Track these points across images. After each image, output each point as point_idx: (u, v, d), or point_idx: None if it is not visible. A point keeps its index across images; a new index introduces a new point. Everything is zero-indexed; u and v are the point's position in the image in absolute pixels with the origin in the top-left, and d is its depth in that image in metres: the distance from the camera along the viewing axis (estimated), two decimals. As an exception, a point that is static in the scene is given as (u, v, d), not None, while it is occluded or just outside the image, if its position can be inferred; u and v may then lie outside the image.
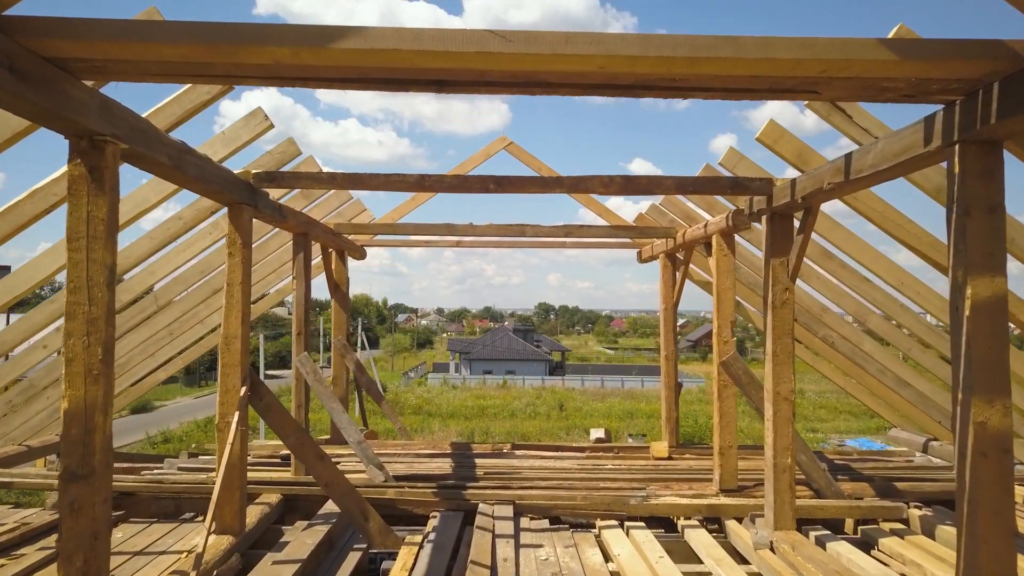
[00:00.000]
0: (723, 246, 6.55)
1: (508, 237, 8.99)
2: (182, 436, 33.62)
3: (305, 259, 6.80)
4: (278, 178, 5.15)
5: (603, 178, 5.15)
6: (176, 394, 50.31)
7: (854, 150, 4.03)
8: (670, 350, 8.55)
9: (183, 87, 4.13)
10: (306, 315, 6.83)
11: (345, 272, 8.59)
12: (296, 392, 6.82)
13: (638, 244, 9.58)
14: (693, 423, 26.42)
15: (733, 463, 6.49)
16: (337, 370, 8.51)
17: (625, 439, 33.51)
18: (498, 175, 5.18)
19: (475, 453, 7.96)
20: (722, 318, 6.56)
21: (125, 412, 42.14)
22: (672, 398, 8.48)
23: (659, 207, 8.38)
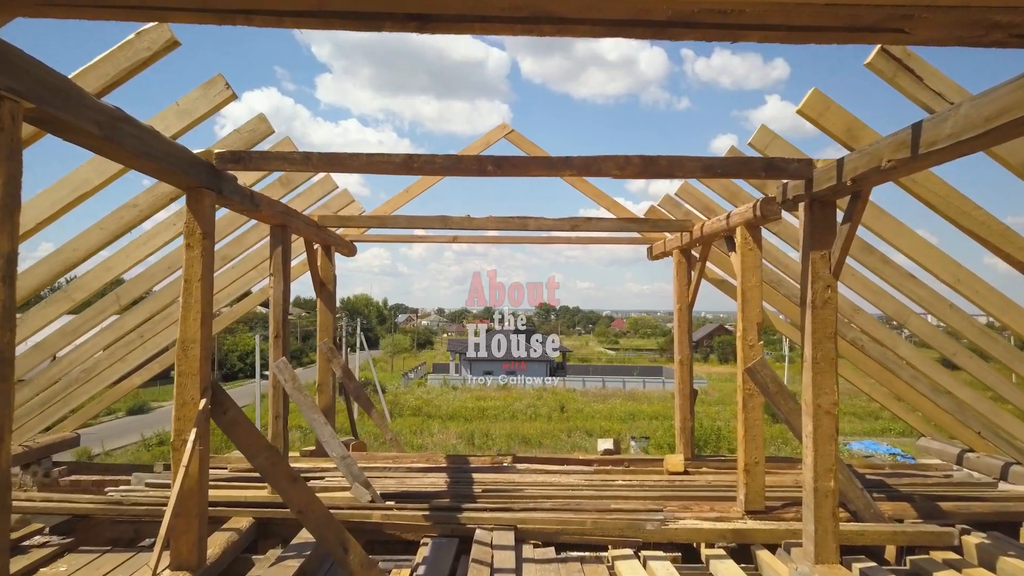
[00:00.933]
0: (748, 239, 5.87)
1: (509, 232, 8.32)
2: (177, 438, 33.01)
3: (284, 254, 6.13)
4: (245, 159, 4.47)
5: (618, 159, 4.48)
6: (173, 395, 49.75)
7: (924, 119, 3.35)
8: (684, 354, 7.87)
9: (115, 46, 3.45)
10: (285, 316, 6.15)
11: (332, 269, 7.91)
12: (274, 402, 6.14)
13: (648, 240, 8.90)
14: (698, 426, 25.73)
15: (760, 481, 5.81)
16: (323, 376, 7.83)
17: (628, 442, 32.88)
18: (497, 155, 4.51)
19: (473, 467, 7.28)
20: (747, 320, 5.88)
21: (122, 413, 41.65)
22: (687, 406, 7.80)
23: (673, 198, 7.70)
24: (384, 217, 7.08)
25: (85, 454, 29.91)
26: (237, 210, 5.19)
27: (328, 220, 7.02)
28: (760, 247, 5.89)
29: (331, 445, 6.02)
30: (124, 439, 32.75)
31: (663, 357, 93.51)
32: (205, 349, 4.38)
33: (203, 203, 4.37)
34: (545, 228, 7.16)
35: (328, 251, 7.90)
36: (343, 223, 7.12)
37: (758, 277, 5.87)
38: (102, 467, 8.72)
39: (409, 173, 4.49)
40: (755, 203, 5.51)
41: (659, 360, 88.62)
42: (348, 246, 8.50)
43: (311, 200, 7.01)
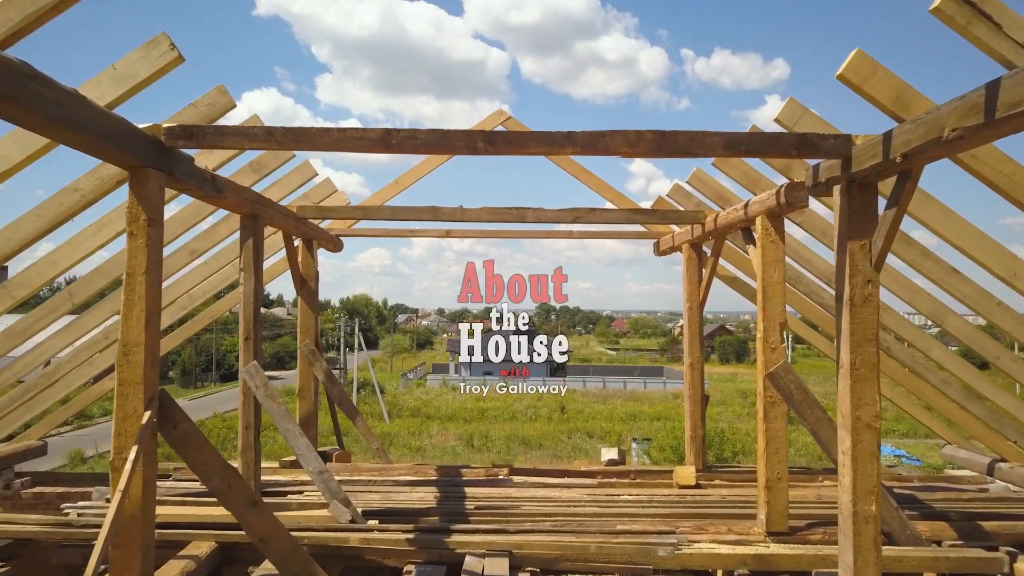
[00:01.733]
0: (770, 230, 5.28)
1: (505, 226, 7.74)
2: (173, 440, 32.47)
3: (255, 247, 5.53)
4: (198, 134, 3.87)
5: (628, 134, 3.88)
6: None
7: (1002, 76, 2.76)
8: (695, 357, 7.27)
9: None
10: (256, 315, 5.56)
11: (313, 265, 7.32)
12: (244, 411, 5.55)
13: (655, 234, 8.30)
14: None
15: (783, 499, 5.22)
16: (304, 380, 7.24)
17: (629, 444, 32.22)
18: (488, 130, 3.91)
19: (465, 480, 6.68)
20: (769, 320, 5.28)
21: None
22: (698, 413, 7.20)
23: (684, 187, 7.11)
24: (368, 208, 6.49)
25: (78, 456, 29.42)
26: (196, 195, 4.59)
27: (307, 211, 6.42)
28: (783, 239, 5.30)
29: (307, 458, 5.43)
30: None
31: (664, 357, 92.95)
32: (152, 353, 3.79)
33: (148, 185, 3.77)
34: (545, 220, 6.58)
35: (309, 245, 7.30)
36: (323, 214, 6.52)
37: (781, 272, 5.28)
38: (71, 477, 8.13)
39: (387, 151, 3.89)
40: (779, 189, 4.92)
41: (660, 360, 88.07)
42: (333, 241, 7.90)
43: (288, 188, 6.41)
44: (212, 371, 56.28)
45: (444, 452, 31.97)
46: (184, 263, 6.46)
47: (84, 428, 36.61)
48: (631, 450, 30.99)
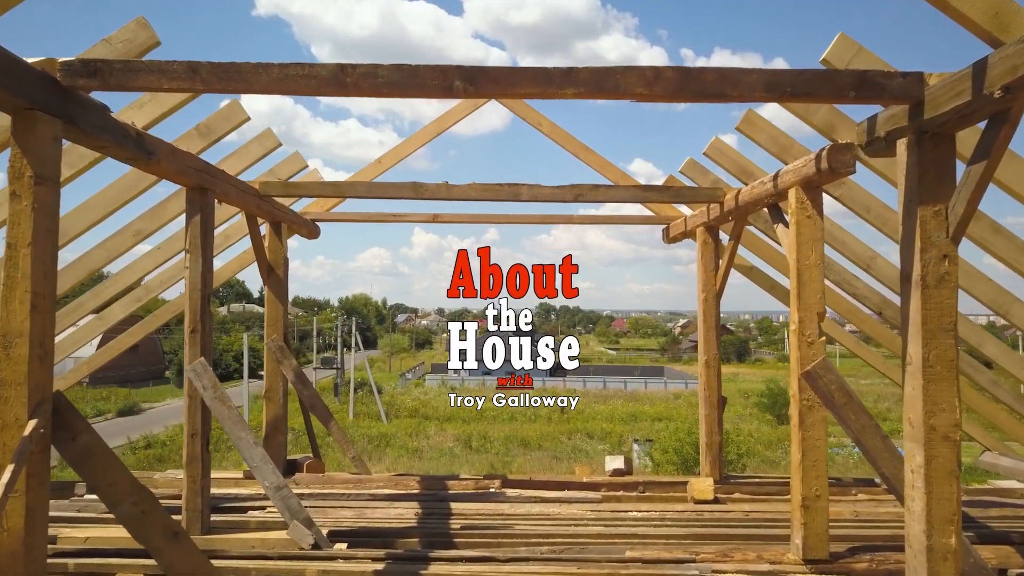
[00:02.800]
0: (806, 204, 4.47)
1: (499, 207, 6.95)
2: (165, 441, 31.63)
3: (203, 225, 4.73)
4: (103, 71, 3.08)
5: (644, 71, 3.08)
6: (166, 395, 48.48)
7: None
8: (711, 354, 6.46)
9: None
10: (204, 304, 4.76)
11: (282, 251, 6.51)
12: (189, 416, 4.75)
13: (664, 219, 7.50)
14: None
15: (823, 521, 4.41)
16: (271, 381, 6.43)
17: (630, 445, 31.40)
18: (468, 65, 3.11)
19: (452, 494, 5.87)
20: (805, 308, 4.48)
21: (111, 414, 40.33)
22: (714, 417, 6.39)
23: (698, 163, 6.30)
24: (339, 184, 5.68)
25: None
26: (116, 156, 3.79)
27: (271, 188, 5.62)
28: (821, 214, 4.49)
29: (263, 472, 4.63)
30: (111, 441, 31.33)
31: (664, 357, 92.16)
32: (40, 346, 2.99)
33: (35, 133, 2.97)
34: (542, 199, 5.77)
35: (278, 229, 6.49)
36: (289, 192, 5.71)
37: (819, 253, 4.47)
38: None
39: (341, 92, 3.09)
40: (820, 152, 4.11)
41: (660, 360, 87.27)
42: (307, 225, 7.10)
43: (247, 160, 5.61)
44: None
45: (442, 453, 31.20)
46: (128, 246, 5.67)
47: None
48: (632, 452, 30.20)
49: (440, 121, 7.53)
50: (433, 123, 7.53)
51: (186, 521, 4.63)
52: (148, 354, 55.44)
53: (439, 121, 7.54)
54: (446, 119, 7.51)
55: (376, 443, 32.78)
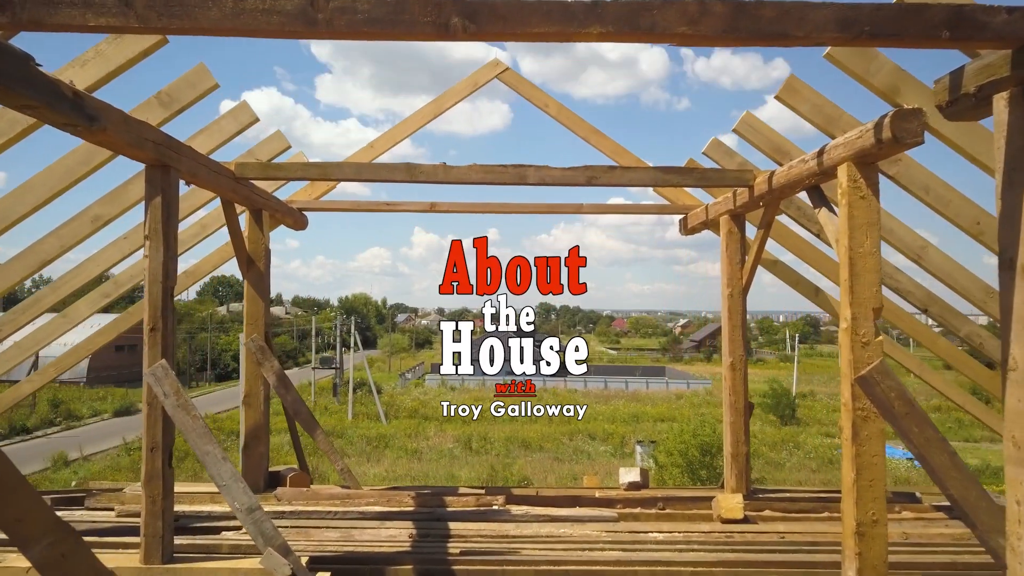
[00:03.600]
0: (860, 182, 3.86)
1: (501, 194, 6.31)
2: (161, 442, 31.03)
3: (165, 207, 4.11)
4: (13, 5, 2.48)
5: (688, 6, 2.47)
6: (164, 396, 47.96)
7: None
8: (737, 355, 5.84)
9: None
10: (166, 298, 4.14)
11: (263, 242, 5.89)
12: (148, 426, 4.14)
13: (681, 208, 6.90)
14: (710, 431, 23.72)
15: (881, 551, 3.80)
16: (251, 384, 5.81)
17: (633, 447, 30.79)
18: (469, 0, 2.49)
19: (450, 512, 5.26)
20: (859, 303, 3.86)
21: (108, 415, 39.71)
22: (740, 425, 5.78)
23: (723, 144, 5.70)
24: (325, 166, 5.06)
25: (61, 459, 28.00)
26: (44, 118, 3.16)
27: (248, 170, 5.00)
28: (877, 193, 3.88)
29: (232, 491, 4.01)
30: (106, 442, 30.81)
31: (665, 357, 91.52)
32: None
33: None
34: (551, 182, 5.15)
35: (258, 218, 5.87)
36: (268, 174, 5.09)
37: (875, 239, 3.86)
38: None
39: (312, 32, 2.48)
40: (882, 119, 3.50)
41: (662, 360, 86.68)
42: (292, 214, 6.48)
43: (221, 137, 4.98)
44: (207, 370, 55.08)
45: (441, 455, 30.62)
46: (87, 233, 5.05)
47: (72, 429, 35.30)
48: (635, 453, 29.58)
49: (437, 102, 6.94)
50: (430, 104, 6.93)
51: (144, 549, 4.02)
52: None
53: (436, 102, 6.94)
54: (443, 100, 6.91)
55: (375, 444, 32.22)
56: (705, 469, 22.17)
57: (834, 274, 6.12)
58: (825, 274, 6.18)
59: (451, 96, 6.91)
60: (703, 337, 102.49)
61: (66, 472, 25.88)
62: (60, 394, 40.38)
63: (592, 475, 8.96)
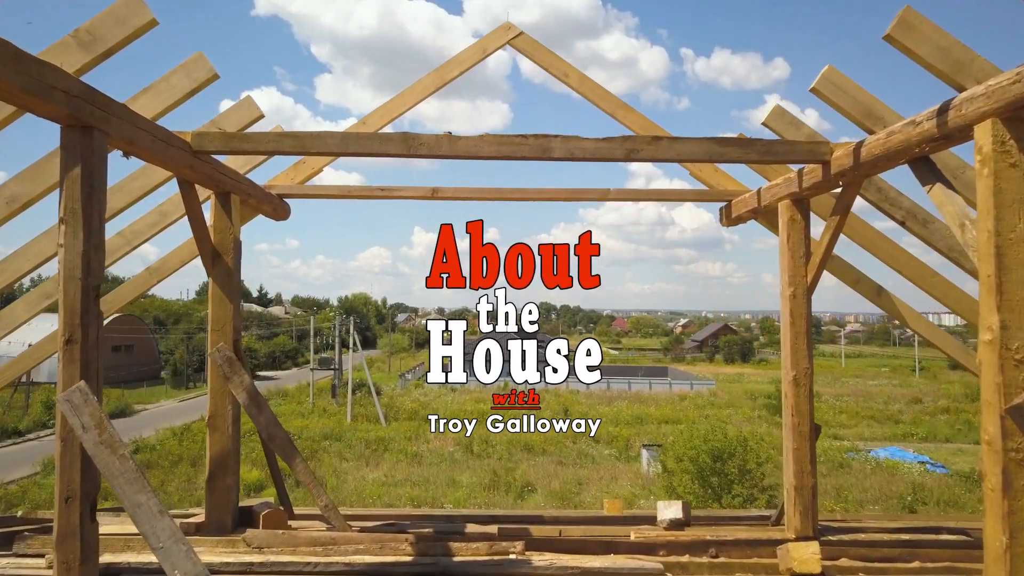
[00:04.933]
0: (1010, 145, 2.88)
1: (517, 175, 5.31)
2: (155, 445, 30.05)
3: (85, 180, 3.13)
4: None
5: None
6: (160, 397, 47.07)
7: None
8: (801, 368, 4.83)
9: None
10: (87, 300, 3.15)
11: (232, 231, 4.86)
12: (62, 468, 3.15)
13: (724, 194, 5.92)
14: (721, 436, 22.73)
15: (1043, 642, 2.82)
16: (216, 403, 4.80)
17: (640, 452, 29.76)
18: None
19: (457, 563, 4.26)
20: (1010, 307, 2.87)
21: (102, 417, 38.84)
22: (805, 452, 4.77)
23: (787, 112, 4.71)
24: (302, 136, 4.05)
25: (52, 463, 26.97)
26: None
27: (207, 141, 4.01)
28: (1033, 160, 2.89)
29: (172, 557, 3.02)
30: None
31: (667, 357, 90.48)
32: None
33: None
34: (581, 156, 4.15)
35: (225, 202, 4.87)
36: (231, 146, 4.08)
37: (1031, 219, 2.88)
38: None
39: None
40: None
41: (664, 360, 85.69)
42: (271, 201, 5.48)
43: (172, 96, 3.95)
44: (205, 371, 54.26)
45: (442, 459, 29.70)
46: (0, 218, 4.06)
47: (61, 432, 34.38)
48: (641, 458, 28.59)
49: (440, 72, 5.97)
50: (432, 74, 5.96)
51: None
52: (143, 354, 53.97)
53: (439, 72, 5.97)
54: (447, 70, 5.94)
55: (374, 448, 31.31)
56: (716, 476, 21.27)
57: (913, 270, 5.14)
58: (900, 271, 5.19)
59: (456, 65, 5.94)
60: (705, 337, 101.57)
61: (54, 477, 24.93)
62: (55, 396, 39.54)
63: (613, 499, 7.95)
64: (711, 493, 20.96)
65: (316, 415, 39.54)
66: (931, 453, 31.77)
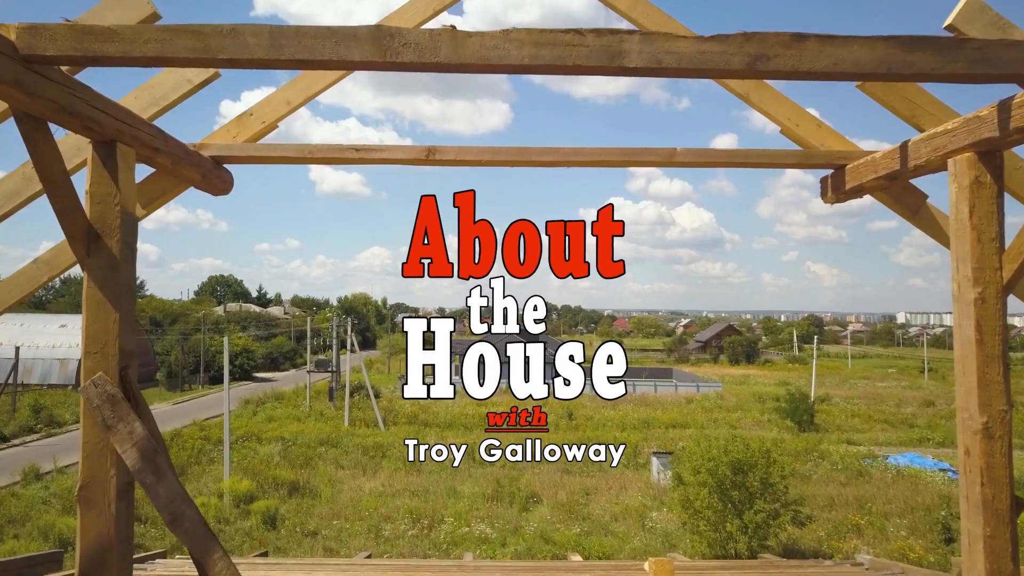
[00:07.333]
0: None
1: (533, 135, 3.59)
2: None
3: None
4: None
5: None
6: (154, 400, 45.44)
7: None
8: (996, 412, 3.09)
9: None
10: None
11: (117, 200, 3.11)
12: None
13: (834, 158, 4.23)
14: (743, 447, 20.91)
15: None
16: (92, 467, 2.94)
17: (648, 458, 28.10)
18: None
19: None
20: None
21: (91, 421, 37.20)
22: (1004, 541, 3.06)
23: (990, 9, 3.02)
24: (203, 32, 2.29)
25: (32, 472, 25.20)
26: None
27: (48, 38, 2.30)
28: None
29: None
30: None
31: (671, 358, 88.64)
32: None
33: None
34: (674, 67, 2.44)
35: (108, 156, 3.13)
36: (82, 47, 2.37)
37: None
38: None
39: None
40: None
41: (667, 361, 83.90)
42: (198, 165, 3.76)
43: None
44: (200, 373, 52.96)
45: (443, 467, 28.13)
46: None
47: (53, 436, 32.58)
48: (651, 465, 26.98)
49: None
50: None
51: None
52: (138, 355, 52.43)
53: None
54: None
55: (371, 454, 29.75)
56: (737, 490, 19.59)
57: None
58: None
59: None
60: (709, 337, 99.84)
61: (36, 487, 23.19)
62: (44, 399, 37.69)
63: (657, 561, 6.18)
64: (731, 508, 19.33)
65: (312, 419, 37.91)
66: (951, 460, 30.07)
